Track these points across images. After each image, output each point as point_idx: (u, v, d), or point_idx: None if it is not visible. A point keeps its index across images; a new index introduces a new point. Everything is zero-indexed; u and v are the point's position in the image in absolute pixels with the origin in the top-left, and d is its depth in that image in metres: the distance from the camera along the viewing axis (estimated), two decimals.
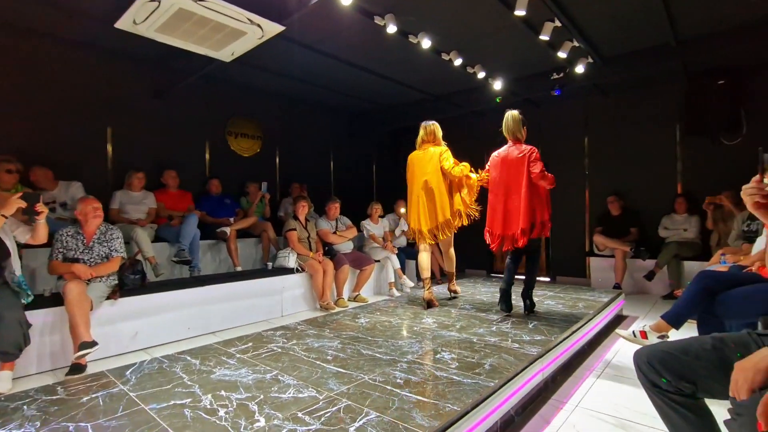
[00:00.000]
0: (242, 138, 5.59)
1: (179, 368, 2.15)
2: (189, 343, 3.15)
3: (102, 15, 3.49)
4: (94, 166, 4.35)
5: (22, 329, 2.44)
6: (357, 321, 3.16)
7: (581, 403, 2.16)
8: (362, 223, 5.18)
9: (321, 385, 1.90)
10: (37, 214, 2.60)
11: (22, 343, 2.44)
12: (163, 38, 3.36)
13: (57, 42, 4.05)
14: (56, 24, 3.80)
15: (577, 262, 6.03)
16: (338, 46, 4.28)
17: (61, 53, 4.11)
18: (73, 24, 3.77)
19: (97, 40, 4.15)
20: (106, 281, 3.09)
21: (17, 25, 3.78)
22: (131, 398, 1.79)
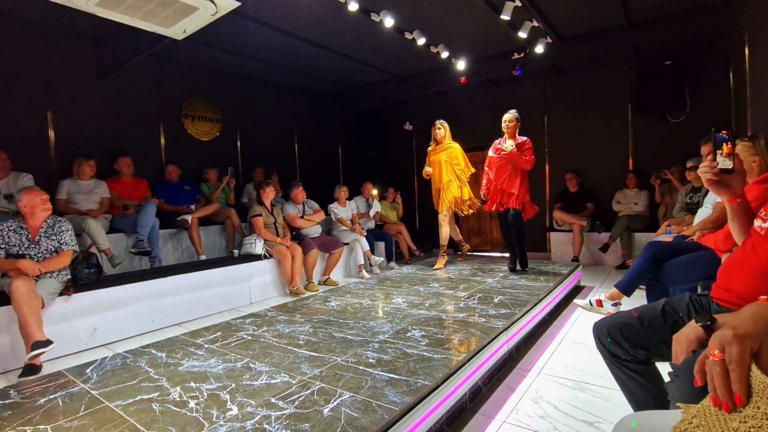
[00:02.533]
0: (200, 121, 5.34)
1: (144, 362, 2.09)
2: (153, 336, 3.05)
3: None
4: (35, 154, 4.03)
5: None
6: (328, 304, 3.16)
7: (543, 369, 2.28)
8: (329, 206, 5.14)
9: (293, 370, 1.90)
10: None
11: None
12: (105, 13, 3.11)
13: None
14: None
15: (539, 237, 6.28)
16: (298, 23, 4.13)
17: None
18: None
19: (29, 14, 3.78)
20: (57, 276, 2.91)
21: None
22: (93, 396, 1.72)
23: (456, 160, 4.52)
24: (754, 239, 1.18)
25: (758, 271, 1.12)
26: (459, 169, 4.52)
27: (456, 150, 4.55)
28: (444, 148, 4.55)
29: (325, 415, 1.47)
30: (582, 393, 1.98)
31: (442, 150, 4.54)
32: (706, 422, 0.62)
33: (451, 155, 4.53)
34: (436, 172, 4.57)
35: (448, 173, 4.50)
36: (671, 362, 1.02)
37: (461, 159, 4.55)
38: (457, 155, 4.54)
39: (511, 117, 3.84)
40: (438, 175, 4.56)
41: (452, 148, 4.54)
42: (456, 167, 4.51)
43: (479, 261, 5.01)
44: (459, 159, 4.54)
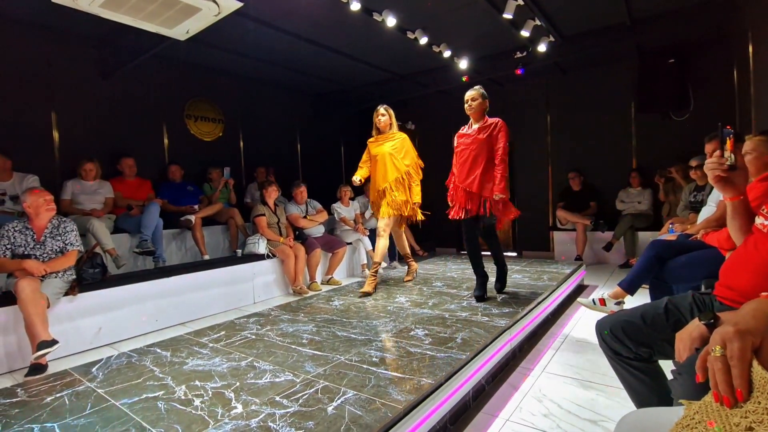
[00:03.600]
0: (202, 121, 5.36)
1: (149, 361, 2.10)
2: (158, 336, 3.06)
3: None
4: (39, 155, 4.06)
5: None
6: (331, 304, 3.17)
7: (547, 368, 2.28)
8: (333, 206, 5.15)
9: (297, 369, 1.91)
10: None
11: None
12: (108, 14, 3.13)
13: None
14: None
15: (542, 236, 6.27)
16: (299, 23, 4.14)
17: None
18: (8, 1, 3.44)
19: (33, 15, 3.81)
20: (62, 276, 2.93)
21: None
22: (99, 395, 1.73)
23: (402, 153, 3.72)
24: (756, 237, 1.17)
25: (760, 269, 1.12)
26: (407, 164, 3.71)
27: (403, 141, 3.77)
28: (388, 138, 3.75)
29: (329, 414, 1.48)
30: (585, 391, 1.98)
31: (386, 140, 3.76)
32: (708, 418, 0.63)
33: (397, 147, 3.72)
34: (379, 168, 3.74)
35: (393, 170, 3.68)
36: (674, 360, 1.02)
37: (411, 152, 3.79)
38: (404, 147, 3.75)
39: (475, 94, 3.04)
40: (381, 173, 3.73)
41: (399, 139, 3.75)
42: (402, 161, 3.70)
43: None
44: (407, 152, 3.76)
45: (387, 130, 3.81)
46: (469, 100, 3.06)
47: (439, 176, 6.94)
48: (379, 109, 3.82)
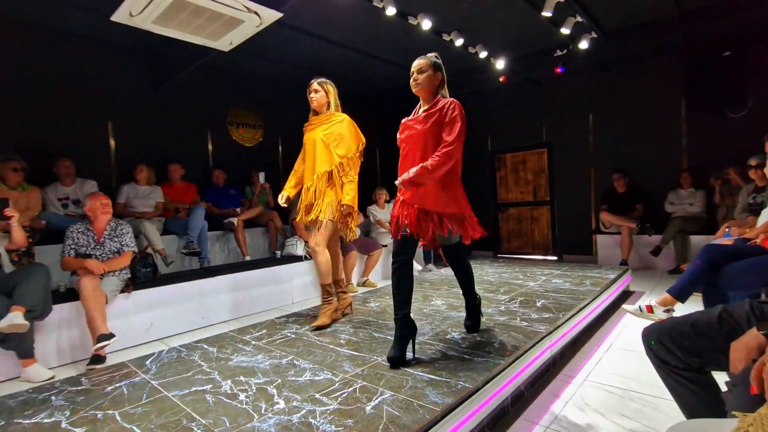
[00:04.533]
0: (244, 127, 5.58)
1: (197, 356, 2.22)
2: (204, 332, 3.22)
3: (97, 7, 3.46)
4: (98, 162, 4.38)
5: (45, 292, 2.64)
6: (367, 305, 3.21)
7: (589, 376, 2.21)
8: (368, 208, 5.21)
9: (336, 368, 1.95)
10: (6, 219, 2.66)
11: (42, 303, 2.61)
12: (159, 30, 3.34)
13: (53, 35, 4.03)
14: (52, 17, 3.78)
15: (584, 240, 6.05)
16: (336, 30, 4.24)
17: (57, 46, 4.09)
18: (69, 16, 3.75)
19: (92, 32, 4.12)
20: (118, 275, 3.15)
21: (13, 17, 3.76)
22: (153, 386, 1.85)
23: (338, 142, 2.78)
24: None
25: None
26: (340, 155, 2.77)
27: (342, 125, 2.82)
28: (323, 121, 2.85)
29: (367, 413, 1.51)
30: (631, 402, 1.90)
31: (320, 124, 2.85)
32: (764, 431, 0.60)
33: (332, 133, 2.79)
34: (308, 159, 2.87)
35: (323, 161, 2.76)
36: (728, 371, 0.97)
37: (349, 139, 2.82)
38: (341, 133, 2.79)
39: (423, 63, 2.17)
40: (310, 165, 2.83)
41: (336, 122, 2.83)
42: (336, 150, 2.78)
43: (520, 264, 4.89)
44: (344, 139, 2.80)
45: (323, 110, 2.89)
46: (414, 71, 2.17)
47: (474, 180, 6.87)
48: (312, 83, 2.90)
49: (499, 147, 6.84)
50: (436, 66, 2.18)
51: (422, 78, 2.16)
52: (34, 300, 2.58)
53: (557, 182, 6.33)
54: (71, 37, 4.13)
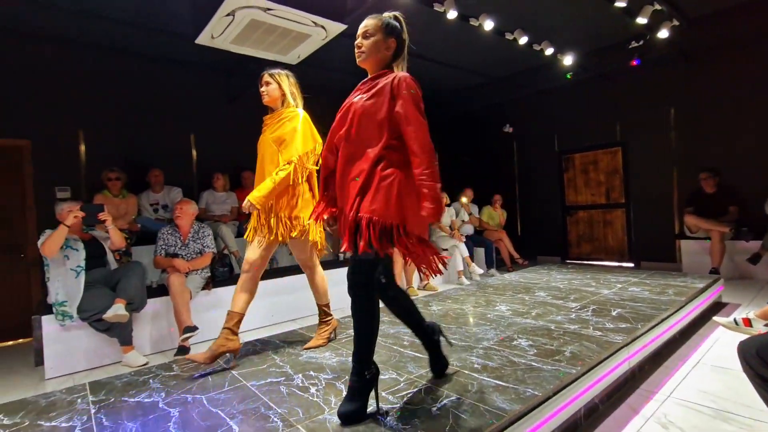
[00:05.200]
0: None
1: (271, 350, 2.37)
2: (274, 329, 3.42)
3: (182, 32, 3.85)
4: (182, 171, 4.84)
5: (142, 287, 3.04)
6: (429, 308, 3.21)
7: (674, 393, 2.02)
8: None
9: (400, 368, 1.98)
10: (101, 222, 2.99)
11: (140, 297, 2.98)
12: (236, 48, 3.64)
13: (144, 60, 4.54)
14: (142, 43, 4.26)
15: (665, 245, 5.54)
16: None
17: (148, 70, 4.61)
18: (157, 42, 4.21)
19: (178, 55, 4.58)
20: (200, 274, 3.45)
21: (112, 46, 4.30)
22: (234, 376, 2.01)
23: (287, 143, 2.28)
24: None
25: None
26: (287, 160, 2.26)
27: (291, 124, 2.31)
28: (275, 119, 2.38)
29: (433, 414, 1.52)
30: (725, 424, 1.71)
31: (272, 123, 2.39)
32: None
33: (281, 134, 2.31)
34: (258, 165, 2.42)
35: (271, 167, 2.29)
36: None
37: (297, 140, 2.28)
38: (289, 132, 2.29)
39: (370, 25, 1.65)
40: (260, 172, 2.39)
41: (286, 119, 2.34)
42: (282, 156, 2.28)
43: (591, 270, 4.60)
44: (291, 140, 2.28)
45: (278, 106, 2.42)
46: (359, 36, 1.66)
47: (540, 181, 6.59)
48: (263, 75, 2.45)
49: (567, 147, 6.50)
50: (388, 29, 1.61)
51: (367, 45, 1.61)
52: (133, 293, 2.92)
53: (633, 183, 5.87)
54: (160, 60, 4.63)
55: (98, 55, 4.28)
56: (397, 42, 1.63)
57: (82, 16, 3.60)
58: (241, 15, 3.04)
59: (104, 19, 3.67)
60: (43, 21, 3.72)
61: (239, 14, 3.03)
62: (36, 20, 3.69)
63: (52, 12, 3.53)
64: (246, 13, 3.02)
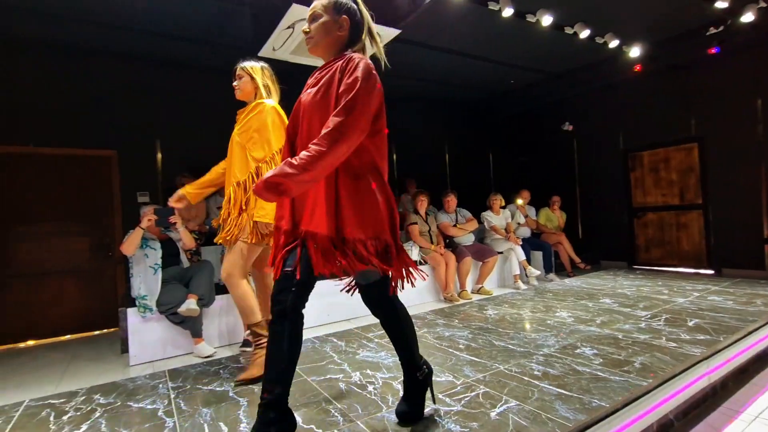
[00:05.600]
0: None
1: (329, 348, 2.45)
2: (330, 328, 3.52)
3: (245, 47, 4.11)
4: None
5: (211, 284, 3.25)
6: (485, 312, 3.15)
7: (763, 414, 1.83)
8: (482, 214, 5.11)
9: (457, 371, 1.97)
10: (172, 225, 3.22)
11: (209, 293, 3.18)
12: (294, 59, 3.81)
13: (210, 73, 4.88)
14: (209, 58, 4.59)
15: (752, 251, 4.99)
16: (451, 38, 4.29)
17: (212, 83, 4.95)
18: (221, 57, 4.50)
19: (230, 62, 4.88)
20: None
21: (184, 63, 4.67)
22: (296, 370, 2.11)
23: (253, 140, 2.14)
24: None
25: None
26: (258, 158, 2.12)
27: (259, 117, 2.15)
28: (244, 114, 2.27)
29: (492, 418, 1.50)
30: None
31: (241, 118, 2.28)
32: None
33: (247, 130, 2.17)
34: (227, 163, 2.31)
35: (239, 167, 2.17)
36: None
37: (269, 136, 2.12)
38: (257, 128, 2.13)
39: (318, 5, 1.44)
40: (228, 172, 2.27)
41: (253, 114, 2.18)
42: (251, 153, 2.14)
43: (663, 277, 4.27)
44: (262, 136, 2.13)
45: (251, 100, 2.29)
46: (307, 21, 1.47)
47: (603, 182, 6.21)
48: (235, 69, 2.34)
49: (634, 144, 6.06)
50: (337, 6, 1.39)
51: (315, 28, 1.40)
52: (204, 290, 3.16)
53: (712, 182, 5.35)
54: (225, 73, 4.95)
55: (171, 72, 4.68)
56: (351, 21, 1.40)
57: (159, 37, 3.96)
58: (300, 27, 3.19)
59: (178, 39, 4.01)
60: (124, 44, 4.14)
61: (299, 26, 3.18)
62: (120, 43, 4.12)
63: (134, 35, 3.91)
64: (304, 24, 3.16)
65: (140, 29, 3.81)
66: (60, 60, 4.15)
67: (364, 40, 1.44)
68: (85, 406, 1.79)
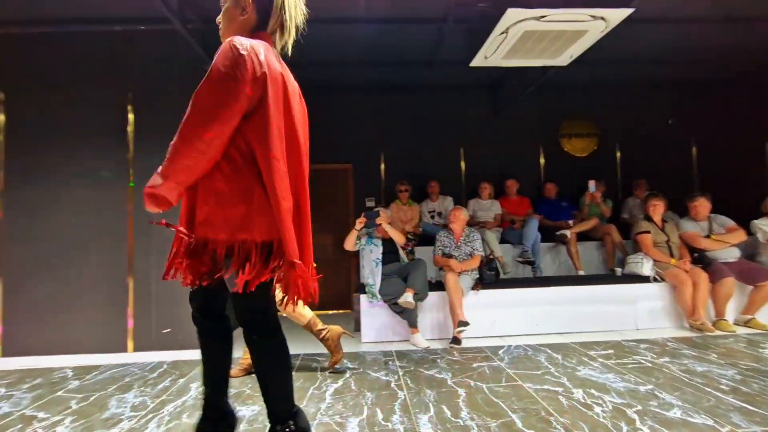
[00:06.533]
0: (576, 138, 5.46)
1: (543, 358, 2.34)
2: (539, 339, 3.33)
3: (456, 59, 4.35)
4: (452, 181, 5.41)
5: (425, 281, 3.51)
6: (760, 351, 2.41)
7: None
8: (755, 223, 3.89)
9: (720, 416, 1.58)
10: (378, 225, 3.64)
11: (424, 288, 3.46)
12: (506, 63, 3.79)
13: (422, 90, 5.36)
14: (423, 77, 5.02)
15: None
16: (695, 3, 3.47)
17: (425, 97, 5.41)
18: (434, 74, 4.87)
19: (449, 80, 5.18)
20: (470, 274, 3.76)
21: (402, 85, 5.26)
22: (509, 374, 2.10)
23: None
24: None
25: None
26: None
27: None
28: None
29: None
30: None
31: None
32: None
33: None
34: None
35: None
36: None
37: None
38: None
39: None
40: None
41: None
42: None
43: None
44: None
45: None
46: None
47: None
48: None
49: None
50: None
51: (221, 16, 1.32)
52: (419, 285, 3.48)
53: None
54: (437, 88, 5.35)
55: (391, 94, 5.37)
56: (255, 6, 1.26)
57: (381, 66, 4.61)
58: (514, 30, 3.16)
59: (399, 65, 4.58)
60: (357, 78, 4.97)
61: (513, 30, 3.16)
62: (352, 78, 4.97)
63: (362, 68, 4.66)
64: (519, 27, 3.12)
65: (368, 61, 4.53)
66: (310, 96, 5.34)
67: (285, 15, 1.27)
68: (339, 366, 2.25)
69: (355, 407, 1.73)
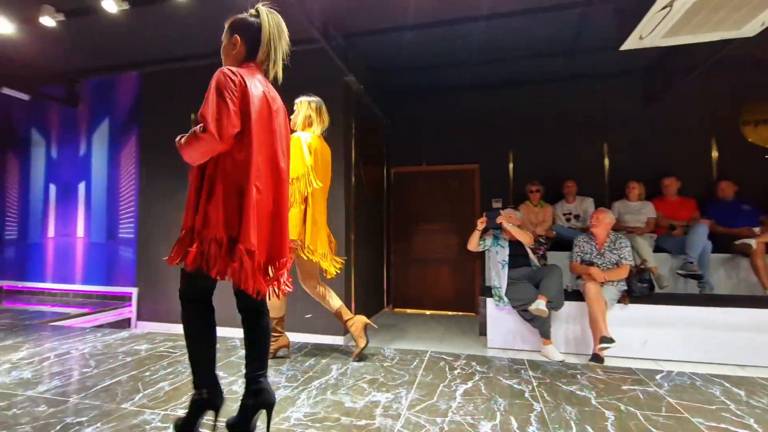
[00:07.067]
0: (765, 125, 4.40)
1: (718, 391, 1.94)
2: (708, 368, 2.79)
3: (602, 45, 3.89)
4: (593, 181, 4.87)
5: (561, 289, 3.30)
6: None
7: None
8: None
9: None
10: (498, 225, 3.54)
11: (558, 297, 3.26)
12: (667, 42, 3.26)
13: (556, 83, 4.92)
14: (559, 69, 4.62)
15: None
16: None
17: (560, 90, 4.96)
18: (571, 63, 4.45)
19: (588, 68, 4.66)
20: (616, 285, 3.34)
21: (532, 80, 4.92)
22: (670, 403, 1.80)
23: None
24: None
25: None
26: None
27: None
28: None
29: None
30: None
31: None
32: None
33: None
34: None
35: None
36: None
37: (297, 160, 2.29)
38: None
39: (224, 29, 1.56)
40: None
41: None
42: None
43: None
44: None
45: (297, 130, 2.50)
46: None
47: None
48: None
49: None
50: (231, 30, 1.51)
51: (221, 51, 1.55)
52: (553, 293, 3.23)
53: None
54: (571, 78, 4.88)
55: (523, 90, 5.09)
56: (242, 37, 1.48)
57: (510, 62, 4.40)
58: (680, 3, 2.70)
59: (530, 57, 4.31)
60: (484, 76, 4.83)
61: (678, 2, 2.69)
62: (479, 77, 4.84)
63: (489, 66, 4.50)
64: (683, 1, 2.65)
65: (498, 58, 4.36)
66: (436, 98, 5.38)
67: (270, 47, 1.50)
68: (467, 368, 2.22)
69: (487, 411, 1.69)
